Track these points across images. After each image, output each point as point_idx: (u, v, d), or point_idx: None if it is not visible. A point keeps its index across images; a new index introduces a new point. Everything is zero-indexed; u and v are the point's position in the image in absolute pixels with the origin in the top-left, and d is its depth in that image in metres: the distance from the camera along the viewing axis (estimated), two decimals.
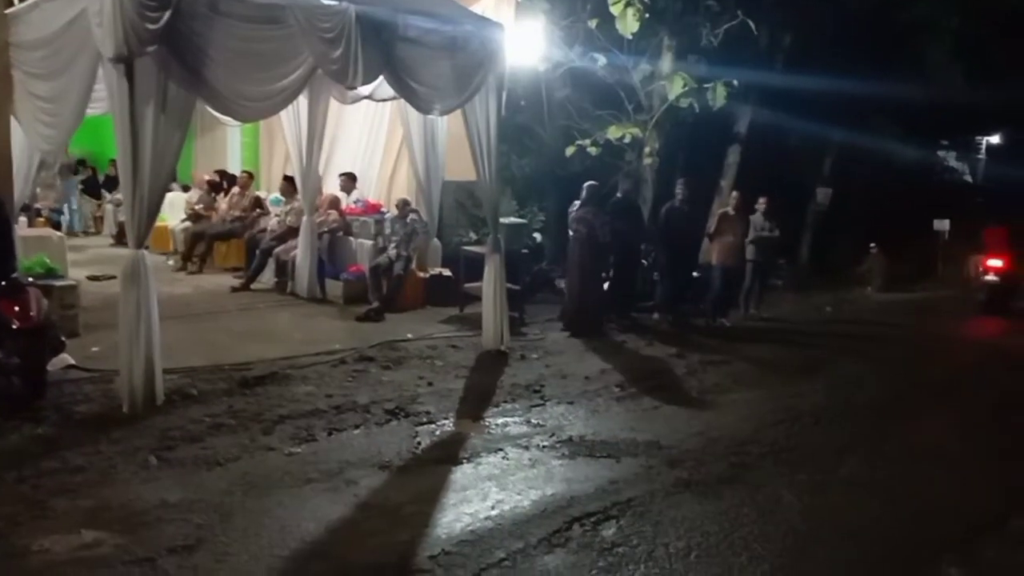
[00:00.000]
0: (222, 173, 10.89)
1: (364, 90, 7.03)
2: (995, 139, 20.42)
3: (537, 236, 9.94)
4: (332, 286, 8.52)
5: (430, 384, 5.79)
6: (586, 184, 7.82)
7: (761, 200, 9.09)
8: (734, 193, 9.13)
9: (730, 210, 8.78)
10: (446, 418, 5.12)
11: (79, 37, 4.99)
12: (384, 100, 7.69)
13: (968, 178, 20.60)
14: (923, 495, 4.27)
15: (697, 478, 4.32)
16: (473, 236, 9.16)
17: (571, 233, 7.80)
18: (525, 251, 8.59)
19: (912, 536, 3.77)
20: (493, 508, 3.85)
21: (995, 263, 10.08)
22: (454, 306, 8.17)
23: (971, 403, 6.19)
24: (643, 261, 9.10)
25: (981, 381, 6.91)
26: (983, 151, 21.01)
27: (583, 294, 7.67)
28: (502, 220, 7.69)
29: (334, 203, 9.07)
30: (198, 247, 9.55)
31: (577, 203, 7.76)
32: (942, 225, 13.14)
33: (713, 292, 8.78)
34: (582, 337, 7.49)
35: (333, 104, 8.17)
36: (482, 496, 3.98)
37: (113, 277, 7.38)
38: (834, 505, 4.10)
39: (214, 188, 10.62)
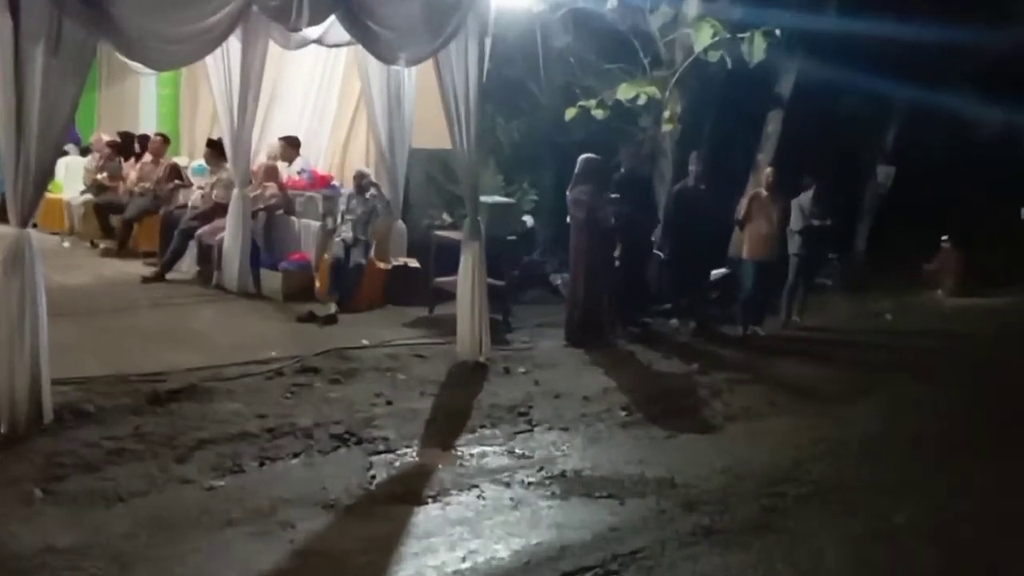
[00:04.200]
0: (126, 136, 10.90)
1: (312, 32, 7.05)
2: None
3: (528, 219, 9.98)
4: (268, 278, 8.55)
5: (389, 403, 5.82)
6: (581, 158, 7.86)
7: (807, 180, 9.18)
8: (767, 169, 9.19)
9: (763, 190, 8.85)
10: (408, 446, 5.15)
11: None
12: (337, 46, 7.72)
13: None
14: (996, 548, 4.28)
15: (720, 525, 4.34)
16: (447, 218, 9.19)
17: (568, 219, 7.97)
18: (512, 238, 8.62)
19: None
20: (464, 560, 3.86)
21: None
22: (422, 306, 8.23)
23: None
24: (658, 253, 9.21)
25: None
26: None
27: (583, 294, 7.76)
28: (483, 199, 7.72)
29: (272, 174, 9.10)
30: (112, 224, 9.61)
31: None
32: None
33: (744, 293, 8.87)
34: (582, 348, 7.56)
35: (273, 50, 8.18)
36: (450, 544, 3.99)
37: None
38: (889, 560, 4.12)
39: (119, 152, 10.59)
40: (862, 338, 9.21)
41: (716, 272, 9.49)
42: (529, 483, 4.73)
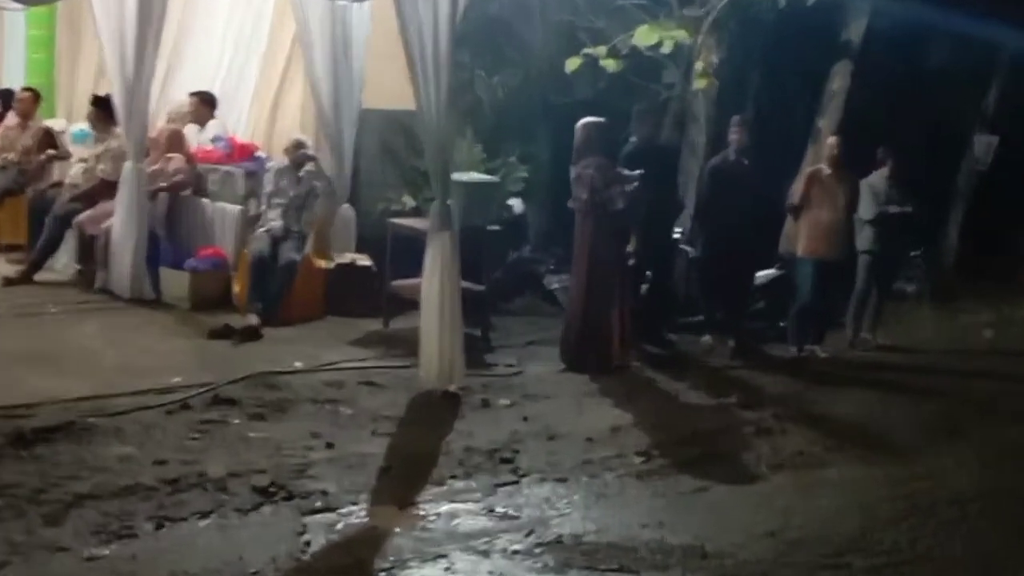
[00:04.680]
0: None
1: None
2: None
3: (516, 204, 10.01)
4: (171, 280, 8.55)
5: (330, 446, 5.81)
6: (580, 124, 7.92)
7: (883, 154, 9.18)
8: (830, 140, 9.22)
9: (824, 167, 8.87)
10: (355, 503, 5.14)
11: None
12: None
13: None
14: None
15: None
16: (408, 202, 9.23)
17: (570, 203, 8.01)
18: (495, 228, 8.65)
19: None
20: None
21: None
22: (374, 317, 8.30)
23: None
24: (686, 249, 9.22)
25: None
26: None
27: (588, 302, 7.84)
28: (457, 177, 7.75)
29: (177, 142, 9.10)
30: None
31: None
32: None
33: (799, 302, 8.90)
34: (585, 372, 7.61)
35: None
36: None
37: None
38: None
39: None
40: (953, 363, 9.24)
41: (763, 274, 9.52)
42: (514, 552, 4.70)
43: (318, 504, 5.06)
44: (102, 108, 9.03)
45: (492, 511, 5.18)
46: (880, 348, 9.31)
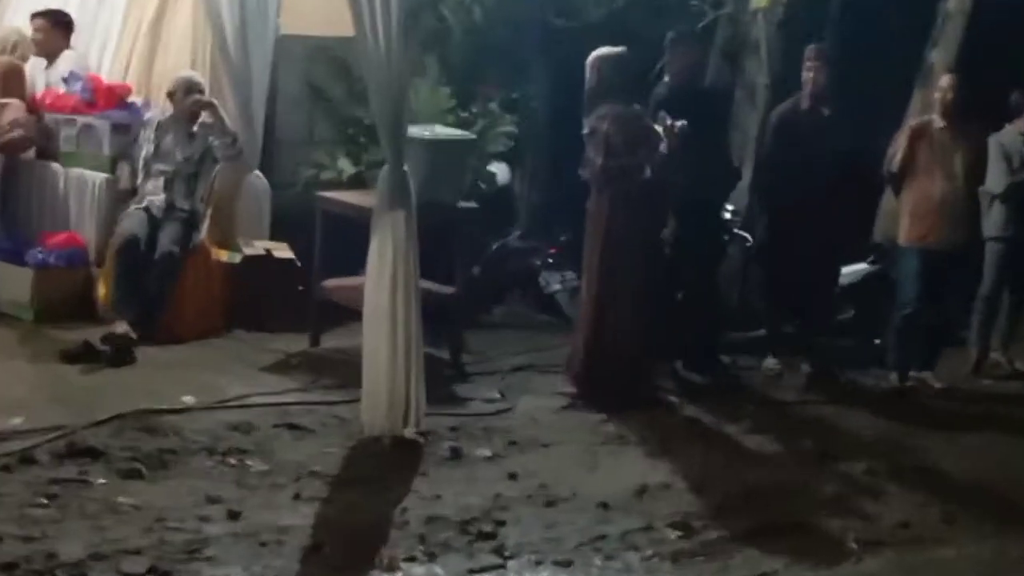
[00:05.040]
0: None
1: None
2: None
3: (499, 170, 10.11)
4: (8, 279, 8.55)
5: (234, 516, 5.79)
6: (592, 57, 7.97)
7: (1019, 100, 9.27)
8: (945, 79, 9.16)
9: (936, 118, 8.85)
10: None
11: None
12: None
13: None
14: None
15: None
16: (347, 169, 9.28)
17: (581, 171, 8.06)
18: (469, 206, 8.73)
19: None
20: None
21: None
22: (298, 332, 8.42)
23: None
24: (742, 235, 9.35)
25: None
26: None
27: (603, 311, 7.90)
28: (416, 133, 7.79)
29: (12, 81, 9.09)
30: None
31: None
32: None
33: (902, 309, 8.87)
34: (599, 409, 7.68)
35: None
36: None
37: None
38: None
39: None
40: None
41: (851, 270, 9.60)
42: None
43: None
44: None
45: None
46: (1017, 375, 9.29)
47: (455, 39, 10.34)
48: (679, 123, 7.86)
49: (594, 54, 7.98)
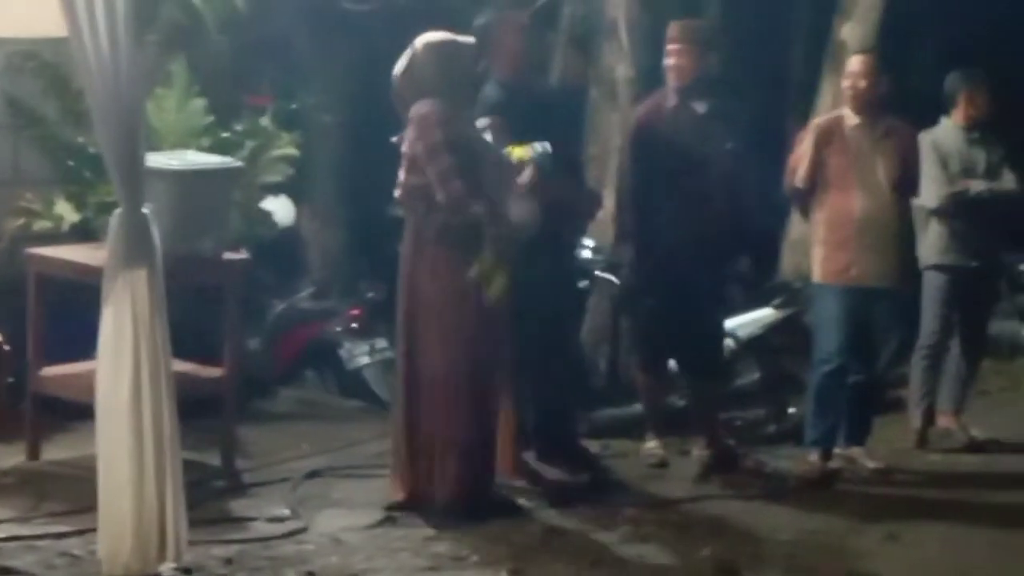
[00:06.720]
0: None
1: None
2: None
3: (278, 208, 9.42)
4: None
5: None
6: (422, 44, 7.34)
7: (954, 85, 8.86)
8: (855, 60, 8.61)
9: (847, 112, 8.33)
10: None
11: None
12: None
13: None
14: None
15: None
16: (66, 215, 8.46)
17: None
18: (238, 257, 8.16)
19: None
20: None
21: None
22: (10, 441, 7.85)
23: None
24: (605, 277, 9.25)
25: None
26: None
27: (419, 388, 7.31)
28: (159, 162, 7.35)
29: None
30: None
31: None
32: None
33: (821, 367, 8.31)
34: (428, 523, 7.12)
35: None
36: None
37: None
38: None
39: None
40: None
41: (750, 318, 9.36)
42: None
43: None
44: None
45: None
46: (974, 446, 8.72)
47: (209, 35, 9.45)
48: (539, 146, 7.37)
49: (422, 41, 7.25)
